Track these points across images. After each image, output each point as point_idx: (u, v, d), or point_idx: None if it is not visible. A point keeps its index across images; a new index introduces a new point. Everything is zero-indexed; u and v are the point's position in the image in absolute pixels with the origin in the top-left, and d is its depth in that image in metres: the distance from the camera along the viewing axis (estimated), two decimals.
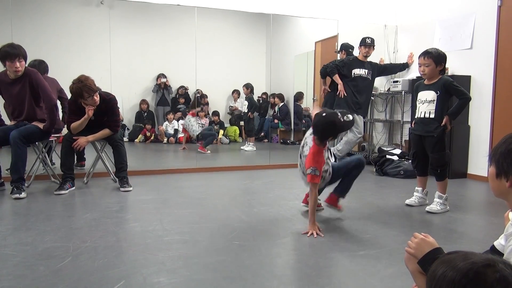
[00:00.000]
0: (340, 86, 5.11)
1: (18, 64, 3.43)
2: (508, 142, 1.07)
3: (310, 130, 2.70)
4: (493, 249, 1.22)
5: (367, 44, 5.10)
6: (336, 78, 5.18)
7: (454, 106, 3.06)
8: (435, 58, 3.01)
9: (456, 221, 2.87)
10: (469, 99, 3.06)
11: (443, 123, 3.02)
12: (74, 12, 7.38)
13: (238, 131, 8.41)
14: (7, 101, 3.68)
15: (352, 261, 2.06)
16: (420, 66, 3.10)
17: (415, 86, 3.27)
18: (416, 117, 3.21)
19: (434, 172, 3.11)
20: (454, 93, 3.02)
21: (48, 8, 7.30)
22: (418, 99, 3.18)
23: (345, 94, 5.08)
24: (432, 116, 3.06)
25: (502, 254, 1.16)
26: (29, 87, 3.56)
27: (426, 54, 3.04)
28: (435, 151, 3.07)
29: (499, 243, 1.21)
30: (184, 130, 7.04)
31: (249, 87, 7.37)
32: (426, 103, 3.10)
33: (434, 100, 3.05)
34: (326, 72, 5.33)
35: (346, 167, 2.80)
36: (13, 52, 3.40)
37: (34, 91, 3.57)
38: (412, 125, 3.28)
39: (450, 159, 3.15)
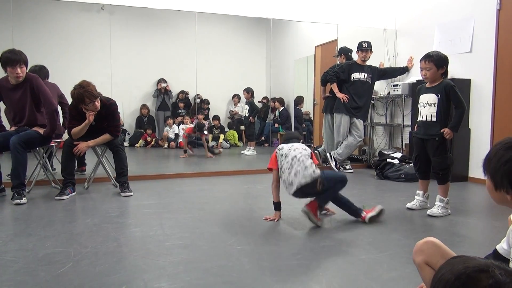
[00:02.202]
0: (338, 95, 5.13)
1: (19, 70, 3.44)
2: (499, 156, 1.05)
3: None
4: (495, 253, 1.20)
5: (364, 48, 5.13)
6: (334, 87, 5.20)
7: (453, 118, 3.02)
8: (436, 61, 3.00)
9: (458, 225, 2.86)
10: (465, 109, 3.03)
11: (445, 135, 3.00)
12: (74, 17, 7.41)
13: (236, 135, 8.42)
14: (8, 106, 3.69)
15: (353, 265, 2.05)
16: (421, 70, 3.10)
17: (417, 89, 3.26)
18: (418, 120, 3.21)
19: (436, 176, 3.10)
20: (452, 98, 3.01)
21: (49, 14, 7.35)
22: (420, 102, 3.17)
23: (347, 99, 5.10)
24: (434, 119, 3.05)
25: (504, 258, 1.15)
26: (30, 92, 3.56)
27: (427, 57, 3.04)
28: (437, 155, 3.06)
29: (502, 247, 1.19)
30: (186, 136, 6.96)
31: (249, 92, 7.38)
32: (428, 106, 3.09)
33: (435, 103, 3.05)
34: (326, 80, 5.37)
35: (335, 178, 2.82)
36: (14, 58, 3.41)
37: (35, 96, 3.58)
38: (415, 128, 3.28)
39: (452, 163, 3.14)
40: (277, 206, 2.92)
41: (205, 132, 6.98)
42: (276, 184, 2.89)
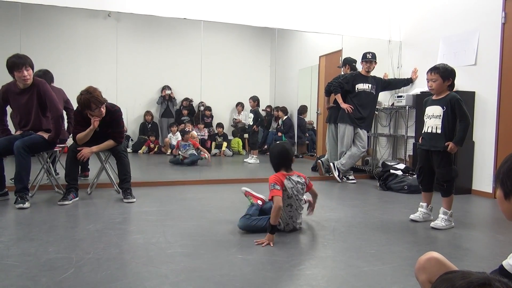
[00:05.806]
0: (343, 105, 5.14)
1: (25, 72, 3.48)
2: (510, 161, 1.07)
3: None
4: (502, 269, 1.18)
5: (368, 59, 5.14)
6: (338, 97, 5.21)
7: (457, 133, 3.02)
8: (442, 73, 3.02)
9: (461, 238, 2.84)
10: (469, 123, 3.03)
11: (449, 150, 3.00)
12: (81, 24, 7.47)
13: (241, 143, 8.44)
14: (15, 110, 3.72)
15: (356, 277, 2.04)
16: (428, 82, 3.12)
17: (424, 101, 3.27)
18: (423, 132, 3.21)
19: (440, 187, 3.09)
20: (456, 111, 3.01)
21: (56, 20, 7.41)
22: (425, 114, 3.18)
23: (352, 110, 5.10)
24: (439, 131, 3.06)
25: (510, 274, 1.14)
26: (37, 97, 3.60)
27: (433, 69, 3.06)
28: (441, 166, 3.06)
29: (508, 263, 1.18)
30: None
31: (255, 100, 7.40)
32: (433, 118, 3.10)
33: (440, 116, 3.05)
34: (330, 90, 5.39)
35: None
36: (19, 62, 3.45)
37: (42, 101, 3.61)
38: (420, 140, 3.28)
39: (457, 175, 3.13)
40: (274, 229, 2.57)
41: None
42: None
